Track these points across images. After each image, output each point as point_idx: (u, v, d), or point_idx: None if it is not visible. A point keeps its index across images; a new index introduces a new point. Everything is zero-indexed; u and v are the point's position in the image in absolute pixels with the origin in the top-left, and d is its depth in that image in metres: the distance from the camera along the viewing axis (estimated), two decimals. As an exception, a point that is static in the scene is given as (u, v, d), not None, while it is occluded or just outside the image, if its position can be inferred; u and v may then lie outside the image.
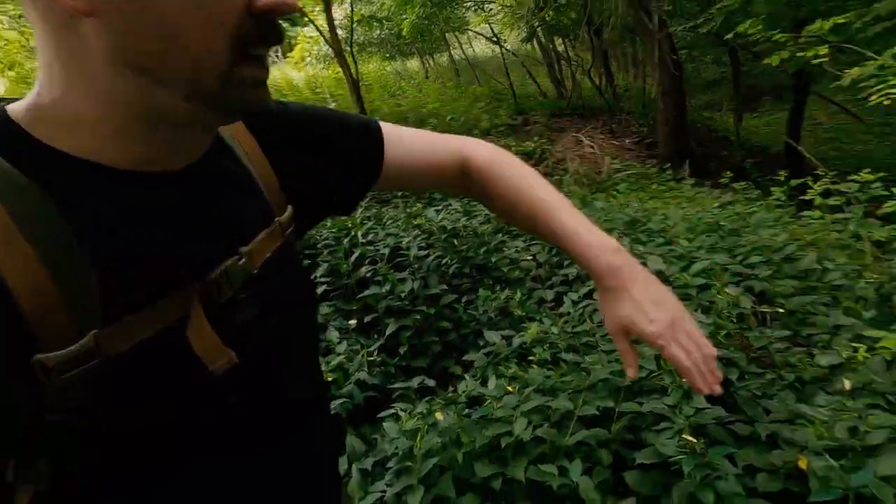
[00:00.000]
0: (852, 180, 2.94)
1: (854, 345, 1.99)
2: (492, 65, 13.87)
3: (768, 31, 4.19)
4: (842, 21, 3.64)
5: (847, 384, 1.99)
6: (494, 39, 12.38)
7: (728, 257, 2.84)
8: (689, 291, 2.41)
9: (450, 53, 14.71)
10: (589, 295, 2.55)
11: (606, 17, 8.00)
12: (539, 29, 10.53)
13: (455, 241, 3.05)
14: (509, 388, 1.76)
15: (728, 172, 4.51)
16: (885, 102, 3.04)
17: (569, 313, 2.40)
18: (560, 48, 12.44)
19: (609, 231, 3.10)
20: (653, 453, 1.47)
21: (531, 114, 9.88)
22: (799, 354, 2.08)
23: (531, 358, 2.03)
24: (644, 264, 0.99)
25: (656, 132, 7.95)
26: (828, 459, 1.43)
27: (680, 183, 5.74)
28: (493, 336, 2.28)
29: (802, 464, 1.44)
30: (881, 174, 2.82)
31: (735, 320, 2.27)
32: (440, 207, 3.69)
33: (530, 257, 2.98)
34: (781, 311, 2.56)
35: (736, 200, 3.88)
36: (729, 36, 4.35)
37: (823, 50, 3.65)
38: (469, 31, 13.82)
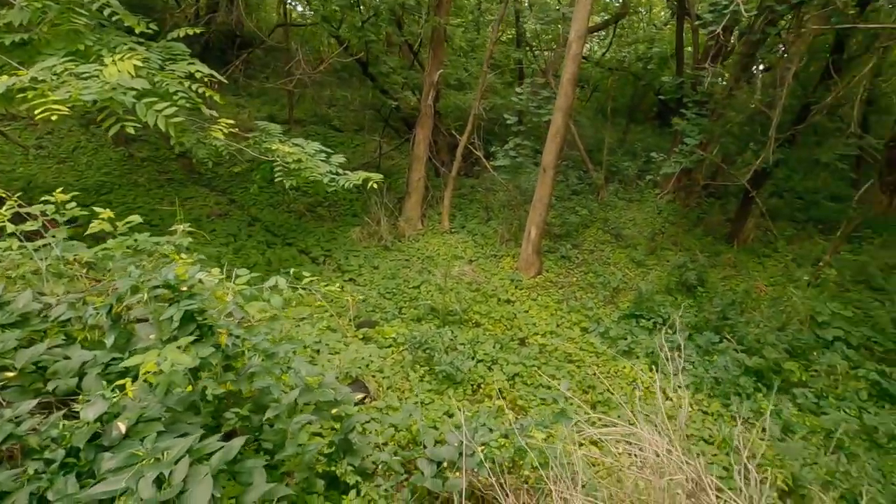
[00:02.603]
0: (45, 201, 2.62)
1: (120, 382, 1.80)
2: None
3: None
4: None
5: (122, 427, 1.79)
6: None
7: None
8: None
9: None
10: None
11: None
12: None
13: None
14: None
15: None
16: (52, 118, 2.87)
17: None
18: None
19: None
20: None
21: None
22: (62, 422, 1.65)
23: None
24: None
25: None
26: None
27: None
28: None
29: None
30: (75, 193, 2.67)
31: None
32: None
33: None
34: (12, 374, 1.97)
35: None
36: None
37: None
38: None
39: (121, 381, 1.80)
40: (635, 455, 2.92)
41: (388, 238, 8.81)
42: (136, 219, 2.75)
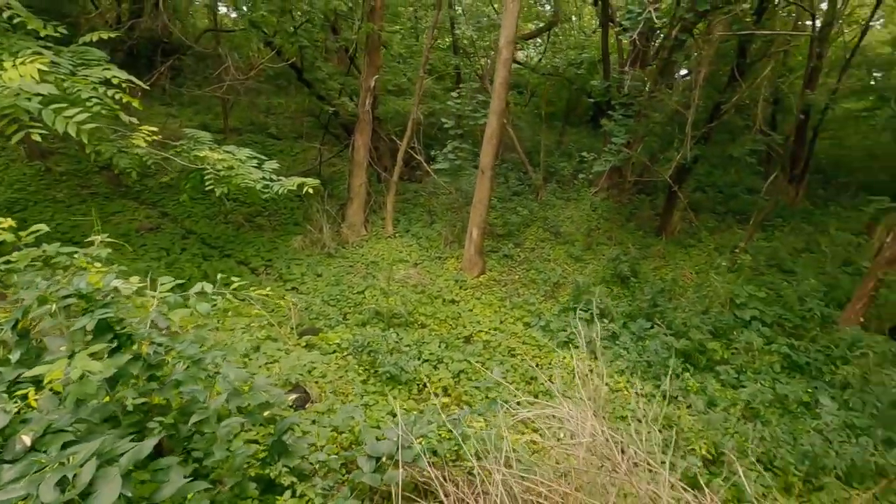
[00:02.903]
0: (-63, 213, 2.44)
1: (21, 392, 1.71)
2: None
3: None
4: None
5: (27, 439, 1.71)
6: None
7: None
8: None
9: None
10: None
11: None
12: None
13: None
14: None
15: None
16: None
17: None
18: None
19: None
20: None
21: None
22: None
23: None
24: None
25: None
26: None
27: None
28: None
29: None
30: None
31: None
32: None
33: None
34: None
35: None
36: None
37: None
38: None
39: (22, 391, 1.72)
40: (566, 433, 3.08)
41: (332, 245, 8.72)
42: (42, 227, 2.61)
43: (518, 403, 4.78)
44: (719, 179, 12.20)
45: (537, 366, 5.96)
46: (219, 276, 2.97)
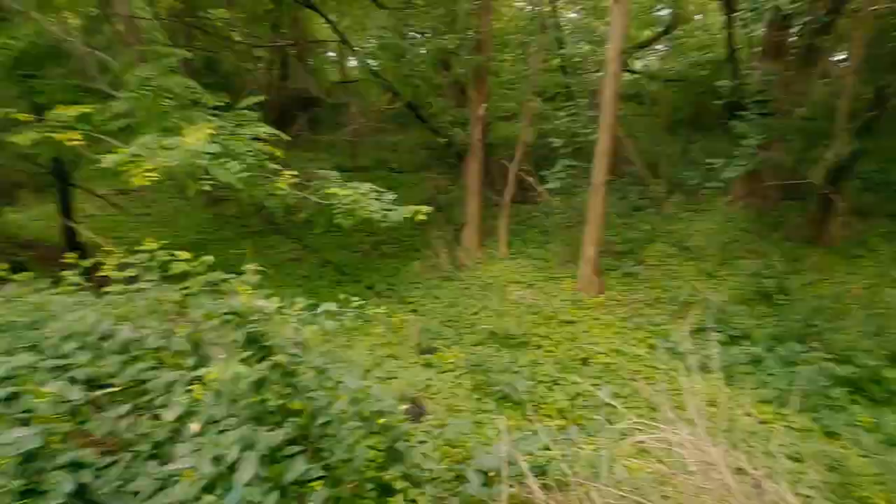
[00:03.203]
0: (140, 251, 3.17)
1: (189, 387, 2.17)
2: None
3: (4, 110, 3.82)
4: (87, 111, 3.86)
5: (196, 426, 2.14)
6: None
7: (33, 355, 2.37)
8: (-8, 409, 1.80)
9: None
10: None
11: None
12: None
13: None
14: None
15: (3, 264, 3.77)
16: (146, 183, 3.49)
17: None
18: None
19: None
20: None
21: None
22: (148, 421, 2.03)
23: None
24: None
25: None
26: None
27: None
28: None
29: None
30: (164, 242, 3.21)
31: (71, 415, 1.92)
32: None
33: None
34: (116, 388, 2.41)
35: (22, 293, 3.30)
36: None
37: (76, 136, 3.74)
38: None
39: (191, 387, 2.16)
40: (687, 462, 2.84)
41: (448, 268, 9.10)
42: (209, 259, 3.23)
43: (639, 430, 4.49)
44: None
45: (663, 391, 5.51)
46: (341, 296, 3.36)
